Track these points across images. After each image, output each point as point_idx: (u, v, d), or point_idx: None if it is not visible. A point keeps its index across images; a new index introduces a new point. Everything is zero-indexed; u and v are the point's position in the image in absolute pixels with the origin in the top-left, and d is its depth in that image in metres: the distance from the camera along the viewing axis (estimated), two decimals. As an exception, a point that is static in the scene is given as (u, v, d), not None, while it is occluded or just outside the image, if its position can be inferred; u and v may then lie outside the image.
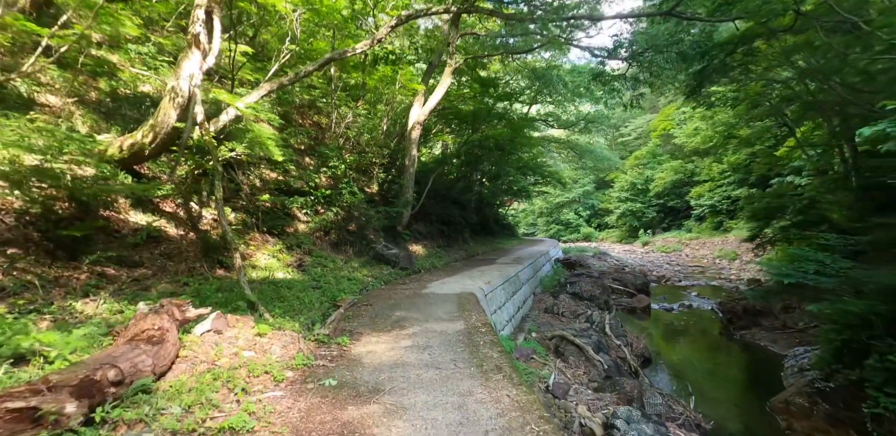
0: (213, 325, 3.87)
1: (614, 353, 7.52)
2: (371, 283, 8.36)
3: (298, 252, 9.04)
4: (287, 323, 4.70)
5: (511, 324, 8.46)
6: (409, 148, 12.50)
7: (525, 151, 16.87)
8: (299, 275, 7.76)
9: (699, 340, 9.59)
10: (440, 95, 12.16)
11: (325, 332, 4.18)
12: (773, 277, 5.97)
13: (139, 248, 6.17)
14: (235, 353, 3.53)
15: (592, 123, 23.15)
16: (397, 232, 12.47)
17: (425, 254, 12.65)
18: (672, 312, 11.91)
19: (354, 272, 9.10)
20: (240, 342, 3.74)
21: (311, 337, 4.15)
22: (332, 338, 4.17)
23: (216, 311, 4.15)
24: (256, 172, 9.76)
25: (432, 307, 5.87)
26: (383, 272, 9.49)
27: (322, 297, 6.33)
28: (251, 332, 3.98)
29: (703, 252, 27.58)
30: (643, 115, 51.85)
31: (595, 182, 49.74)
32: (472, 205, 17.97)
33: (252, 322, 4.22)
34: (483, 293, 7.39)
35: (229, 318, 4.13)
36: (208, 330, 3.83)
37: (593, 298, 11.45)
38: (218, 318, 3.95)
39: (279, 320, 4.71)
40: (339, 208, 10.48)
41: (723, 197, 29.02)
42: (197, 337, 3.70)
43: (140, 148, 6.74)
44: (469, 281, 8.46)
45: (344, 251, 10.49)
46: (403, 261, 10.18)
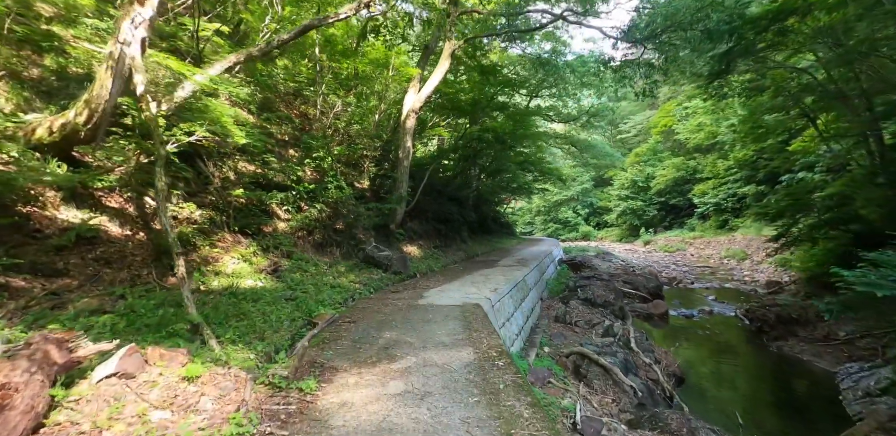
0: (121, 366, 2.70)
1: (644, 373, 6.41)
2: (358, 291, 7.19)
3: (275, 255, 7.86)
4: (239, 353, 3.54)
5: (521, 337, 7.33)
6: (404, 139, 11.33)
7: (527, 144, 15.75)
8: (272, 282, 6.58)
9: (730, 352, 8.50)
10: (437, 80, 11.00)
11: (283, 372, 3.00)
12: (862, 288, 4.88)
13: (66, 252, 4.96)
14: (141, 414, 2.37)
15: (595, 117, 22.06)
16: (390, 231, 11.30)
17: (421, 255, 11.50)
18: (692, 319, 10.83)
19: (340, 278, 7.92)
20: (153, 394, 2.56)
21: (265, 379, 2.99)
22: (293, 380, 2.99)
23: (133, 342, 2.98)
24: (230, 163, 8.54)
25: (431, 325, 4.72)
26: (373, 277, 8.32)
27: (295, 311, 5.16)
28: (178, 373, 2.82)
29: (708, 252, 26.61)
30: (643, 111, 50.94)
31: (594, 180, 48.76)
32: (470, 202, 16.82)
33: (185, 356, 3.06)
34: (490, 304, 6.25)
35: (150, 352, 2.96)
36: (112, 374, 2.66)
37: (607, 304, 10.34)
38: (129, 355, 2.78)
39: (228, 350, 3.55)
40: (324, 205, 9.30)
41: (728, 195, 28.04)
42: (91, 386, 2.53)
43: (73, 129, 5.53)
44: (472, 288, 7.32)
45: (329, 253, 9.32)
46: (396, 264, 9.02)
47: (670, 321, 10.74)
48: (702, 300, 13.04)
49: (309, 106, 12.70)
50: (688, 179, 34.74)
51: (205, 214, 7.16)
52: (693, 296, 13.75)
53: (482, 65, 14.12)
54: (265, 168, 9.18)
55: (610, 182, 44.88)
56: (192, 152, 7.55)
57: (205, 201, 7.45)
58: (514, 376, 3.11)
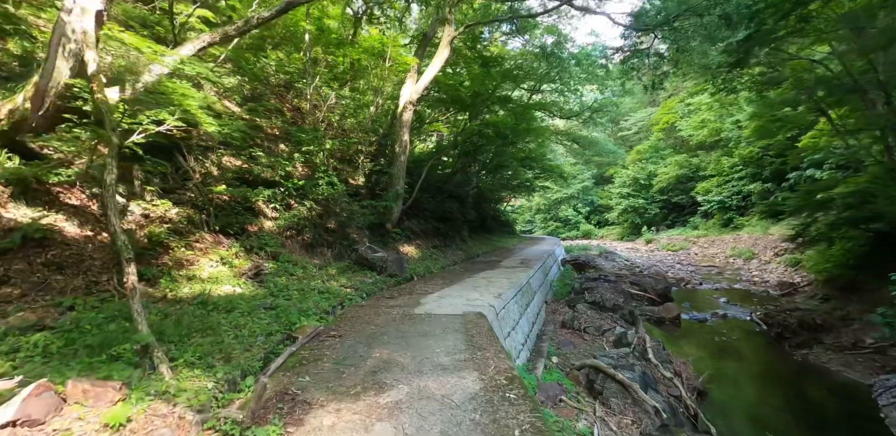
0: (25, 410, 2.07)
1: (665, 389, 5.80)
2: (349, 297, 6.56)
3: (260, 256, 7.24)
4: (195, 382, 2.90)
5: (527, 346, 6.71)
6: (400, 132, 10.68)
7: (529, 139, 15.10)
8: (253, 288, 5.94)
9: (752, 362, 7.90)
10: (436, 69, 10.35)
11: (238, 415, 2.36)
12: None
13: (10, 255, 4.34)
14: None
15: (598, 112, 21.42)
16: (386, 230, 10.67)
17: (419, 256, 10.86)
18: (706, 323, 10.22)
19: (329, 282, 7.29)
20: (59, 451, 1.94)
21: (215, 423, 2.35)
22: (250, 426, 2.34)
23: (52, 373, 2.36)
24: (213, 157, 7.90)
25: (429, 340, 4.09)
26: (366, 281, 7.69)
27: (274, 324, 4.52)
28: (103, 417, 2.19)
29: (712, 251, 26.02)
30: (643, 108, 50.29)
31: (594, 178, 48.14)
32: (470, 199, 16.18)
33: (119, 391, 2.43)
34: (494, 312, 5.63)
35: (71, 388, 2.33)
36: (10, 422, 2.02)
37: (616, 308, 9.73)
38: (37, 394, 2.15)
39: (182, 377, 2.91)
40: (314, 202, 8.67)
41: (733, 192, 27.43)
42: (-24, 441, 1.91)
43: (22, 116, 4.89)
44: (474, 293, 6.69)
45: (320, 254, 8.69)
46: (392, 266, 8.39)
47: (682, 326, 10.14)
48: (713, 303, 12.44)
49: (302, 99, 12.05)
50: (690, 176, 34.12)
51: (182, 212, 6.54)
52: (703, 298, 13.15)
53: (483, 56, 13.47)
54: (252, 163, 8.55)
55: (611, 180, 44.26)
56: (171, 145, 6.93)
57: (183, 198, 6.83)
58: (531, 415, 2.47)
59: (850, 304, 9.82)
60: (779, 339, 8.78)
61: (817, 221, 10.77)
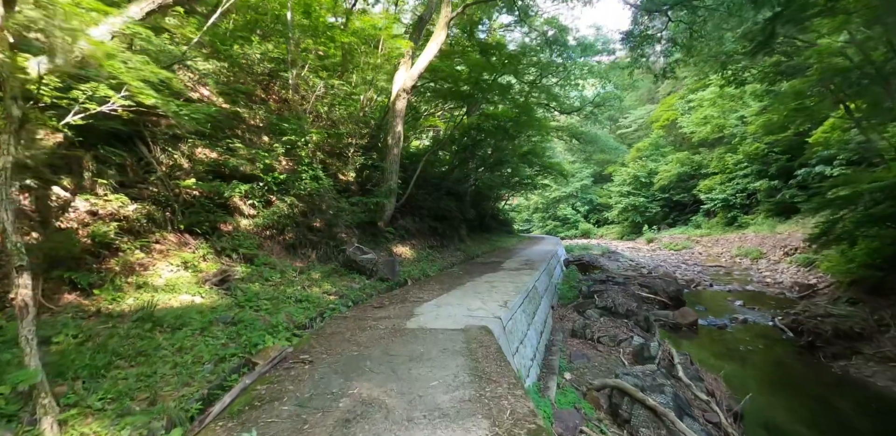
0: None
1: (700, 413, 4.96)
2: (331, 306, 5.69)
3: (232, 259, 6.37)
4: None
5: (536, 361, 5.86)
6: (393, 122, 9.81)
7: (532, 132, 14.25)
8: (216, 297, 5.06)
9: (786, 375, 7.09)
10: (432, 54, 9.48)
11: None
12: None
13: None
14: None
15: (601, 107, 20.61)
16: (378, 230, 9.80)
17: (414, 257, 9.99)
18: (726, 329, 9.41)
19: (311, 288, 6.41)
20: None
21: None
22: None
23: None
24: (184, 148, 6.99)
25: (423, 367, 3.23)
26: (353, 286, 6.81)
27: (231, 345, 3.65)
28: None
29: (717, 250, 25.32)
30: (643, 105, 49.61)
31: (593, 176, 47.42)
32: (468, 197, 15.32)
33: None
34: (501, 325, 4.77)
35: None
36: None
37: (630, 313, 8.91)
38: None
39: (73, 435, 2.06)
40: (297, 198, 7.79)
41: (737, 190, 26.70)
42: None
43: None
44: (475, 301, 5.83)
45: (303, 256, 7.81)
46: (383, 269, 7.51)
47: (700, 332, 9.34)
48: (728, 306, 11.64)
49: (288, 90, 11.18)
50: (692, 174, 33.43)
51: (142, 208, 5.63)
52: (716, 300, 12.35)
53: (482, 43, 12.61)
54: (229, 155, 7.66)
55: (610, 178, 43.53)
56: (131, 133, 6.05)
57: (144, 193, 5.94)
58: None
59: (882, 308, 9.04)
60: (810, 348, 7.98)
61: (844, 219, 9.96)
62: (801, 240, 18.24)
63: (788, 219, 22.70)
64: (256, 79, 10.37)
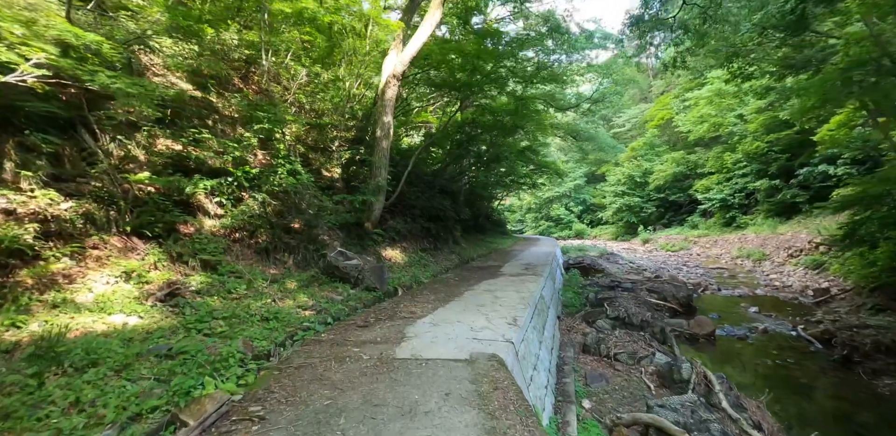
0: None
1: (754, 456, 4.10)
2: (306, 324, 4.71)
3: (189, 267, 5.37)
4: None
5: (549, 389, 4.94)
6: (382, 112, 8.84)
7: (532, 126, 13.35)
8: (159, 317, 4.07)
9: (828, 396, 6.27)
10: (426, 35, 8.55)
11: None
12: None
13: None
14: None
15: (599, 103, 19.81)
16: (364, 231, 8.83)
17: (405, 262, 9.03)
18: (746, 340, 8.60)
19: (284, 301, 5.43)
20: None
21: None
22: None
23: None
24: (141, 137, 5.97)
25: (419, 431, 2.30)
26: (334, 298, 5.84)
27: (156, 391, 2.68)
28: None
29: (716, 251, 24.70)
30: (636, 105, 49.16)
31: (587, 176, 46.80)
32: (462, 196, 14.39)
33: None
34: (513, 351, 3.85)
35: None
36: None
37: (645, 324, 8.05)
38: None
39: None
40: (269, 195, 6.79)
41: (735, 190, 26.10)
42: None
43: None
44: (478, 316, 4.90)
45: (278, 262, 6.82)
46: (370, 277, 6.55)
47: (718, 344, 8.52)
48: (743, 313, 10.86)
49: (271, 81, 10.18)
50: (687, 174, 32.86)
51: (77, 206, 4.62)
52: (728, 307, 11.57)
53: (480, 31, 11.69)
54: (196, 148, 6.66)
55: (603, 178, 42.93)
56: (71, 118, 5.05)
57: (84, 189, 4.93)
58: None
59: None
60: (846, 362, 7.18)
61: (872, 219, 9.20)
62: (808, 241, 17.67)
63: (789, 219, 22.12)
64: (233, 66, 9.34)
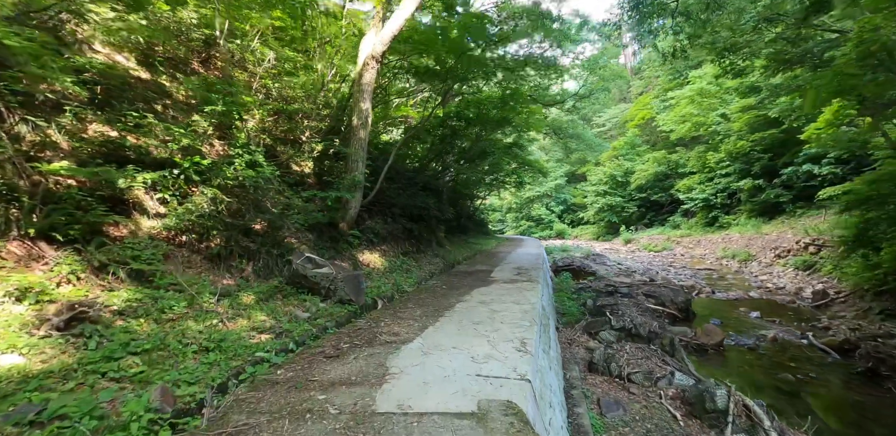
0: None
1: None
2: (257, 357, 3.66)
3: (113, 281, 4.26)
4: None
5: (564, 428, 4.04)
6: (359, 98, 7.81)
7: (522, 118, 12.48)
8: (56, 351, 2.98)
9: (865, 418, 5.57)
10: (409, 11, 7.54)
11: None
12: None
13: None
14: None
15: (586, 98, 19.17)
16: (339, 233, 7.78)
17: (384, 267, 8.02)
18: (757, 350, 7.93)
19: (236, 320, 4.37)
20: None
21: None
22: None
23: None
24: (67, 120, 4.80)
25: None
26: (300, 316, 4.79)
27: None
28: None
29: (699, 251, 24.48)
30: (616, 104, 49.22)
31: (567, 175, 46.53)
32: (446, 194, 13.43)
33: None
34: (531, 392, 2.92)
35: None
36: None
37: (653, 336, 7.26)
38: None
39: None
40: (222, 190, 5.69)
41: (717, 190, 25.97)
42: None
43: None
44: (479, 341, 3.95)
45: (234, 271, 5.73)
46: (344, 287, 5.52)
47: (727, 354, 7.83)
48: (744, 318, 10.26)
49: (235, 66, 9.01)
50: (669, 173, 32.77)
51: (-42, 203, 3.46)
52: (728, 312, 10.97)
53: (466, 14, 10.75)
54: (138, 135, 5.53)
55: (584, 178, 42.69)
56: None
57: (-27, 180, 3.77)
58: None
59: None
60: (872, 375, 6.55)
61: (883, 218, 8.66)
62: (796, 241, 17.41)
63: (773, 219, 22.00)
64: (192, 47, 8.14)
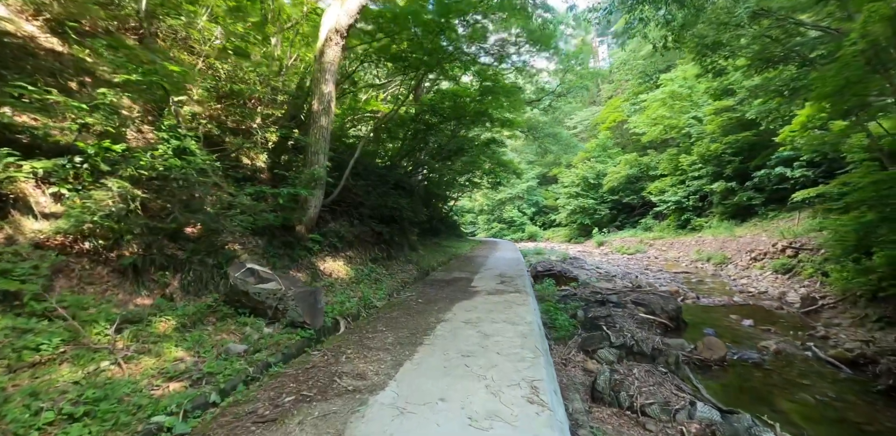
0: None
1: None
2: (154, 424, 2.49)
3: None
4: None
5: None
6: (320, 79, 6.65)
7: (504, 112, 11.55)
8: None
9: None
10: (379, -23, 6.49)
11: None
12: None
13: None
14: None
15: (564, 97, 18.54)
16: (297, 237, 6.58)
17: (350, 277, 6.86)
18: (763, 366, 7.24)
19: (139, 360, 3.15)
20: None
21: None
22: None
23: None
24: None
25: None
26: (233, 349, 3.61)
27: None
28: None
29: (673, 254, 24.32)
30: (586, 107, 49.44)
31: (538, 178, 46.27)
32: (419, 193, 12.35)
33: None
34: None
35: None
36: None
37: (658, 353, 6.43)
38: None
39: None
40: (132, 183, 4.42)
41: (689, 192, 25.97)
42: None
43: None
44: (474, 386, 2.90)
45: (154, 287, 4.49)
46: (296, 306, 4.36)
47: (731, 370, 7.08)
48: (737, 327, 9.63)
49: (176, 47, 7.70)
50: (640, 176, 32.80)
51: None
52: (718, 320, 10.34)
53: None
54: (30, 112, 4.23)
55: (556, 181, 42.48)
56: None
57: None
58: None
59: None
60: (891, 390, 5.93)
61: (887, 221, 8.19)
62: (772, 244, 17.28)
63: (745, 221, 22.04)
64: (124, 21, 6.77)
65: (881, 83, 8.13)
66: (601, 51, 51.63)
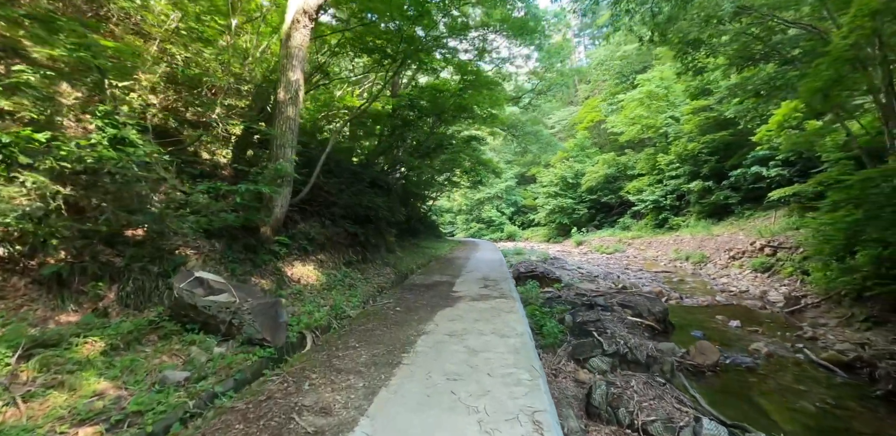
0: None
1: None
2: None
3: None
4: None
5: None
6: (287, 66, 6.01)
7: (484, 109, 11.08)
8: None
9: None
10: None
11: None
12: None
13: None
14: None
15: (544, 94, 18.23)
16: (260, 240, 5.93)
17: (321, 283, 6.24)
18: (756, 371, 6.97)
19: (44, 398, 2.49)
20: None
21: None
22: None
23: None
24: None
25: None
26: (171, 378, 3.00)
27: None
28: None
29: (651, 253, 24.40)
30: (564, 106, 49.62)
31: (517, 177, 46.16)
32: (397, 192, 11.76)
33: None
34: None
35: None
36: None
37: (653, 361, 6.05)
38: None
39: None
40: (47, 179, 3.73)
41: (667, 191, 26.12)
42: None
43: None
44: (463, 420, 2.38)
45: (85, 300, 3.81)
46: (253, 321, 3.75)
47: (724, 375, 6.79)
48: (723, 329, 9.41)
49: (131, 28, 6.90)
50: (617, 175, 32.95)
51: None
52: (704, 321, 10.12)
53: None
54: None
55: (534, 180, 42.42)
56: None
57: None
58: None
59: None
60: (891, 395, 5.71)
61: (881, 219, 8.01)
62: (750, 243, 17.36)
63: (721, 220, 22.23)
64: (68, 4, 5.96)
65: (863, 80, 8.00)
66: (578, 51, 51.99)
